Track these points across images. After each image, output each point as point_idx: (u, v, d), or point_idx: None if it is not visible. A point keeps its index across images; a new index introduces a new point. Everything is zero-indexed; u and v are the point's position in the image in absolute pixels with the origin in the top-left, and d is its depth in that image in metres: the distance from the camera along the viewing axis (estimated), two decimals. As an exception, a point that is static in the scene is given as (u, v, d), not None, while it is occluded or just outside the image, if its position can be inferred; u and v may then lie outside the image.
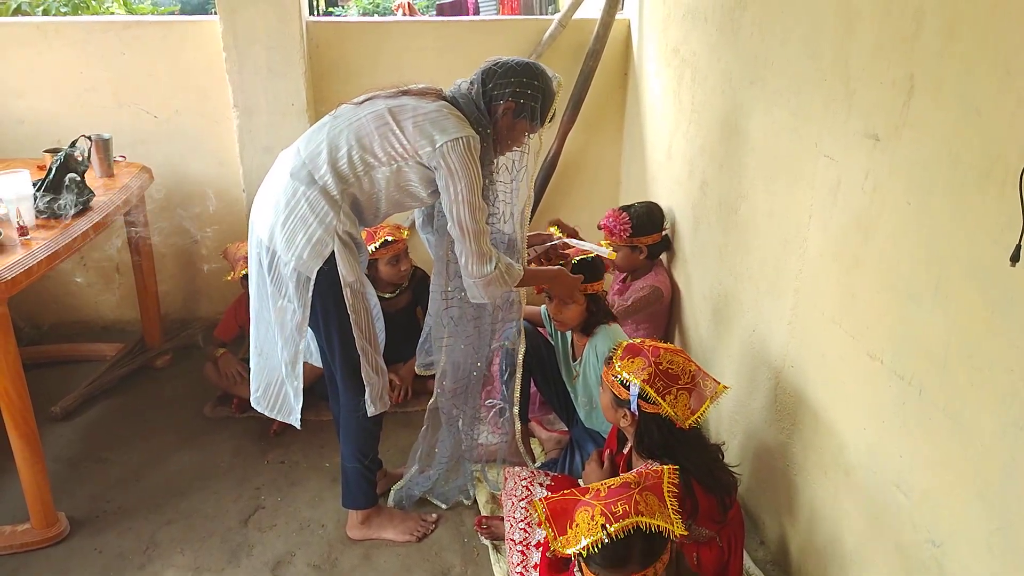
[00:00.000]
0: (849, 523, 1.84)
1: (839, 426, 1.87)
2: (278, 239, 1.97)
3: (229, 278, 2.95)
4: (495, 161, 2.09)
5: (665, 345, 1.93)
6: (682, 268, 2.92)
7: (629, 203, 2.97)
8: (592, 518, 1.48)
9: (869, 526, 1.76)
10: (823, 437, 1.95)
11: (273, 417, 2.24)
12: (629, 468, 2.01)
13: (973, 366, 1.40)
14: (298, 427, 2.21)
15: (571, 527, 1.51)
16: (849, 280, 1.78)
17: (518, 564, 2.07)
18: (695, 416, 1.81)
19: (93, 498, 2.51)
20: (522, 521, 2.15)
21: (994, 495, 1.36)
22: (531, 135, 2.10)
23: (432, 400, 2.42)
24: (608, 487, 1.57)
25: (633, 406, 1.86)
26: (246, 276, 2.82)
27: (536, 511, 1.57)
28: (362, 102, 2.03)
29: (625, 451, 2.06)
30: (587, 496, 1.56)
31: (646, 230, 2.89)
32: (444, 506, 2.48)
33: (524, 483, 2.25)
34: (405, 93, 2.01)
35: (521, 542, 2.11)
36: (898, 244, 1.59)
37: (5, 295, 2.04)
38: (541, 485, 2.24)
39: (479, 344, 2.34)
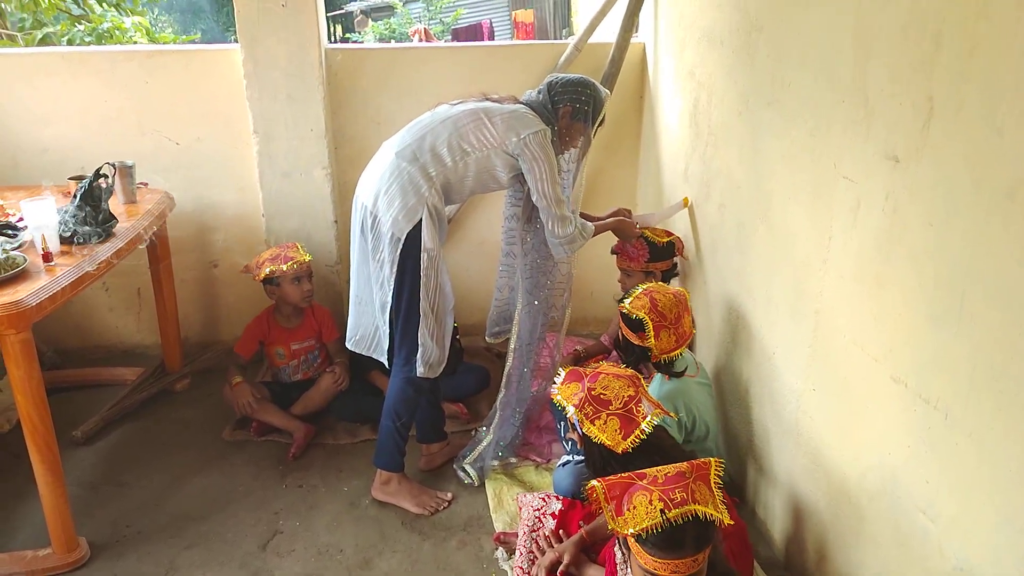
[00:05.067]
0: (875, 549, 1.81)
1: (863, 451, 1.85)
2: (381, 204, 2.32)
3: (253, 278, 3.01)
4: (559, 156, 2.53)
5: (614, 370, 2.02)
6: (700, 291, 2.91)
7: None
8: (651, 502, 1.57)
9: (895, 552, 1.73)
10: (846, 462, 1.92)
11: (370, 356, 2.55)
12: None
13: (999, 389, 1.38)
14: (388, 365, 2.50)
15: (629, 509, 1.58)
16: (871, 302, 1.77)
17: None
18: (627, 442, 1.87)
19: (113, 522, 2.52)
20: (531, 552, 2.24)
21: (1023, 520, 1.34)
22: (583, 135, 2.57)
23: (508, 365, 2.75)
24: (664, 475, 1.64)
25: (579, 429, 1.96)
26: (266, 280, 2.95)
27: (595, 492, 1.64)
28: (455, 104, 2.46)
29: None
30: (644, 481, 1.63)
31: (662, 256, 2.92)
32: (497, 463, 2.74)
33: (536, 513, 2.35)
34: (488, 99, 2.48)
35: (527, 572, 2.19)
36: (921, 266, 1.58)
37: (30, 321, 2.07)
38: (553, 516, 2.33)
39: (540, 308, 2.77)
